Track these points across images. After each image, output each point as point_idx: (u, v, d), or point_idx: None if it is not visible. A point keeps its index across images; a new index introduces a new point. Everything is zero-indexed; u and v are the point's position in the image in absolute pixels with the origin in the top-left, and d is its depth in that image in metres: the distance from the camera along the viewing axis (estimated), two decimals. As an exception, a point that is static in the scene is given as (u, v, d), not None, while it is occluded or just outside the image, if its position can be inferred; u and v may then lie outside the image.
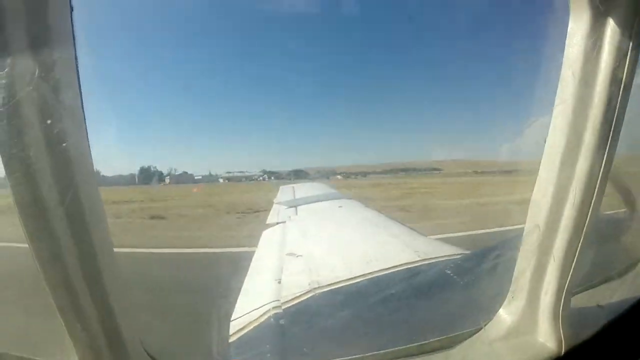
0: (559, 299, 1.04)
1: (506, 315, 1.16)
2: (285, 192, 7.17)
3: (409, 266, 2.12)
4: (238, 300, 1.99)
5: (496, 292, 1.23)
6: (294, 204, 5.05)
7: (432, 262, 2.16)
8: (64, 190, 0.60)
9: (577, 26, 0.91)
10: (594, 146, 0.92)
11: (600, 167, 0.93)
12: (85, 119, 0.64)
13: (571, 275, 1.03)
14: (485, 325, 1.18)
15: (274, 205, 5.24)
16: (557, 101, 0.95)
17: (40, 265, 0.63)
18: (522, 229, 1.11)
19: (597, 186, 0.94)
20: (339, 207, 4.66)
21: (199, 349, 2.62)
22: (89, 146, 0.65)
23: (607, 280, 1.45)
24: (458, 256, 2.24)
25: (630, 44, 0.86)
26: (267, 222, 4.05)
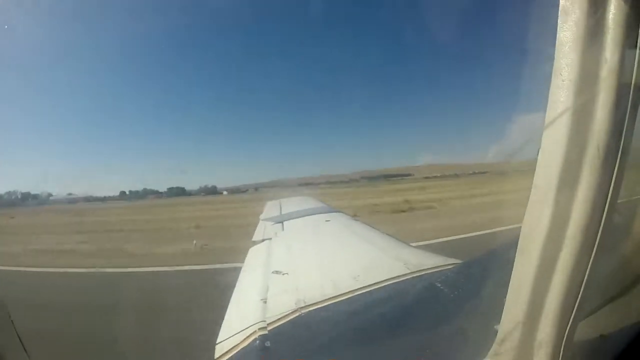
0: (560, 337, 0.84)
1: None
2: (272, 207, 7.10)
3: (398, 280, 2.09)
4: (224, 322, 1.94)
5: (486, 325, 1.06)
6: (280, 220, 5.00)
7: (421, 275, 2.13)
8: None
9: (572, 3, 0.71)
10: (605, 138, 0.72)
11: (616, 160, 0.74)
12: None
13: (577, 304, 0.81)
14: None
15: (260, 222, 5.18)
16: (550, 99, 0.77)
17: None
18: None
19: (612, 185, 0.74)
20: (326, 220, 4.64)
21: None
22: None
23: (608, 301, 1.14)
24: (449, 267, 2.21)
25: None
26: (254, 239, 3.99)
